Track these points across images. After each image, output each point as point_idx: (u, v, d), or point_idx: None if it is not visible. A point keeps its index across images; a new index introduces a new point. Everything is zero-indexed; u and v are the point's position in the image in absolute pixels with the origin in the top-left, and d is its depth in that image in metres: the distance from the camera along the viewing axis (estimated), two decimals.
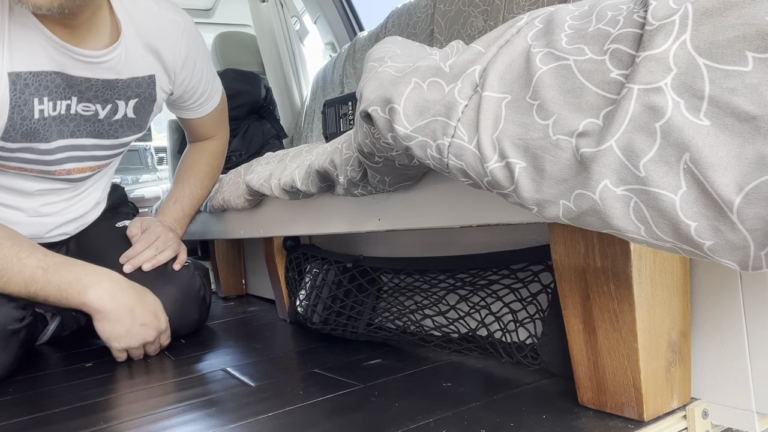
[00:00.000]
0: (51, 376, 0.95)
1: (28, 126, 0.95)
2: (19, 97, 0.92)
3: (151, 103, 1.14)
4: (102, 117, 1.06)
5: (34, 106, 0.95)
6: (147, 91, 1.11)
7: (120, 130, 1.11)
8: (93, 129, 1.06)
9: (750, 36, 0.33)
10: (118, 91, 1.05)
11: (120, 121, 1.10)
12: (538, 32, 0.47)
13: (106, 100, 1.05)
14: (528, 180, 0.43)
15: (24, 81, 0.92)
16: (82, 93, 1.00)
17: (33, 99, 0.94)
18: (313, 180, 0.82)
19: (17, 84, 0.92)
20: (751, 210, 0.33)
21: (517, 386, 0.69)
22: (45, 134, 0.98)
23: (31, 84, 0.93)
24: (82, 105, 1.02)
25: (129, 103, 1.09)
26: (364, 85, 0.58)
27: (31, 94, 0.94)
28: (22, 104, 0.93)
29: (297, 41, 2.81)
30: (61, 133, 1.02)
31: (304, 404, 0.68)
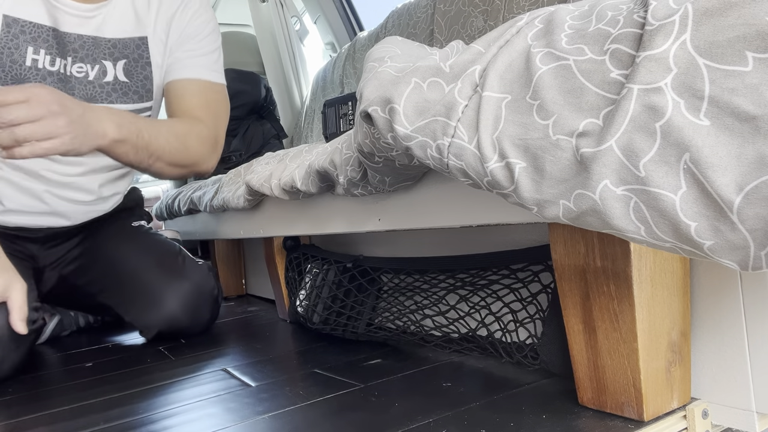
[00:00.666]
0: (51, 376, 0.95)
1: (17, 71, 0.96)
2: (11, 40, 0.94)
3: (146, 67, 1.10)
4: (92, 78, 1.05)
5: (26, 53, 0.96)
6: (137, 53, 1.08)
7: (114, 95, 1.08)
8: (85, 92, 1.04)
9: (750, 36, 0.33)
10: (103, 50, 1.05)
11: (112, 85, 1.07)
12: (538, 32, 0.47)
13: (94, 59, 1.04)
14: (528, 180, 0.43)
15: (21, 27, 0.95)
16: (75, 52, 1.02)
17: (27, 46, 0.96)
18: (313, 180, 0.82)
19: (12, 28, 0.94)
20: (751, 210, 0.33)
21: (517, 386, 0.69)
22: None
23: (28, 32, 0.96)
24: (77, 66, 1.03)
25: (117, 64, 1.07)
26: (364, 85, 0.58)
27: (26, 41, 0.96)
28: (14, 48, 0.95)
29: (297, 41, 2.81)
30: None
31: (304, 404, 0.68)
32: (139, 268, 1.12)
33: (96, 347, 1.14)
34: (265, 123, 2.52)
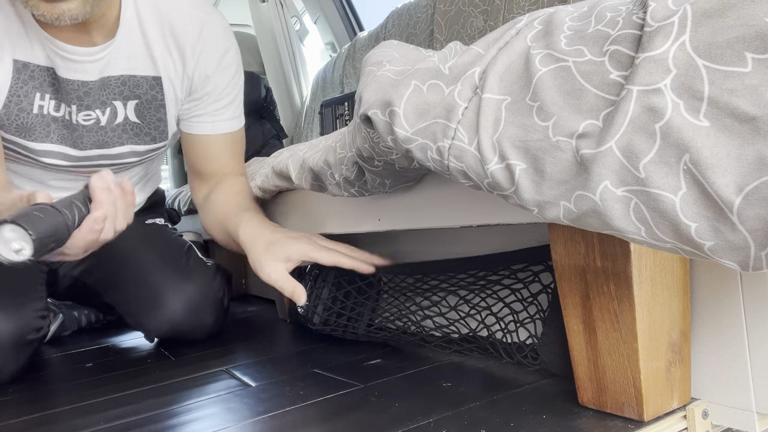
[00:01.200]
0: (51, 376, 0.95)
1: (24, 119, 0.92)
2: (20, 87, 0.89)
3: (160, 109, 1.02)
4: (104, 123, 0.99)
5: (34, 100, 0.91)
6: (150, 93, 1.00)
7: (125, 136, 1.01)
8: (96, 138, 0.99)
9: (749, 37, 0.33)
10: (113, 90, 0.97)
11: (122, 126, 1.01)
12: (537, 33, 0.47)
13: (103, 102, 0.97)
14: (528, 181, 0.43)
15: (30, 72, 0.89)
16: (80, 99, 0.95)
17: (35, 93, 0.91)
18: (306, 177, 0.83)
19: (22, 73, 0.89)
20: (751, 211, 0.34)
21: (517, 386, 0.69)
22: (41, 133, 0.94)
23: (37, 77, 0.90)
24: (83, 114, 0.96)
25: (128, 104, 0.99)
26: (363, 88, 0.58)
27: (34, 87, 0.90)
28: (23, 95, 0.90)
29: (297, 41, 2.82)
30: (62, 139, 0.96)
31: (304, 404, 0.68)
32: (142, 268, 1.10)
33: (97, 347, 1.14)
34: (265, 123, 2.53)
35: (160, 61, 0.99)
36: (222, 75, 1.04)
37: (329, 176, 0.76)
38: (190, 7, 0.99)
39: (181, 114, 1.06)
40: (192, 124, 1.07)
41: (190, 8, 0.99)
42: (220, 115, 1.07)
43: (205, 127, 1.07)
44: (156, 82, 1.00)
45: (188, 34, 0.99)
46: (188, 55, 1.00)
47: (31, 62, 0.89)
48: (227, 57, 1.04)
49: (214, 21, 1.02)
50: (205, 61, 1.01)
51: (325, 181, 0.79)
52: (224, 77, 1.04)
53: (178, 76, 1.01)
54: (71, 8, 0.79)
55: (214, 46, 1.01)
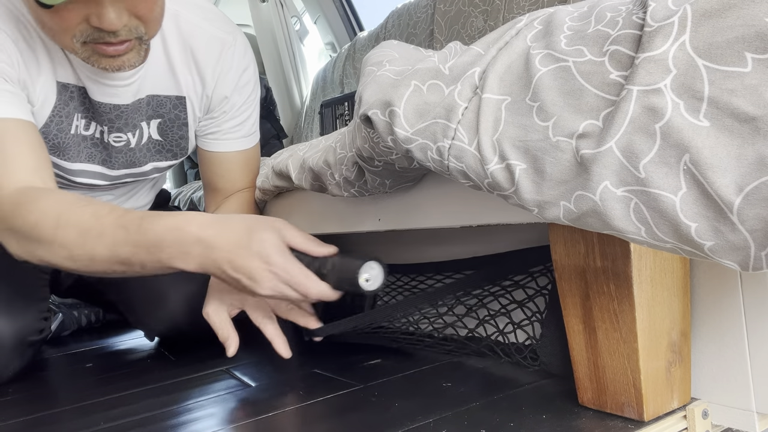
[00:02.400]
0: (51, 376, 0.95)
1: (61, 139, 0.91)
2: (63, 108, 0.89)
3: (182, 127, 1.03)
4: (133, 145, 0.99)
5: (73, 120, 0.91)
6: (173, 113, 1.01)
7: (148, 154, 1.02)
8: (126, 159, 1.00)
9: (749, 37, 0.33)
10: (142, 111, 0.98)
11: (146, 145, 1.01)
12: (537, 33, 0.47)
13: (134, 126, 0.98)
14: (528, 181, 0.43)
15: (70, 93, 0.89)
16: (111, 122, 0.95)
17: (75, 113, 0.91)
18: (306, 177, 0.83)
19: (63, 94, 0.89)
20: (751, 211, 0.34)
21: (517, 386, 0.69)
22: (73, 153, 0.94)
23: (76, 97, 0.90)
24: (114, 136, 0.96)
25: (151, 123, 1.00)
26: (363, 88, 0.58)
27: (75, 107, 0.91)
28: (65, 116, 0.90)
29: (297, 41, 2.82)
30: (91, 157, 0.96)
31: (304, 404, 0.68)
32: None
33: (97, 347, 1.14)
34: (265, 123, 2.53)
35: (182, 80, 0.99)
36: (239, 94, 1.04)
37: (329, 176, 0.76)
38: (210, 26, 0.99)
39: (198, 130, 1.07)
40: (207, 141, 1.07)
41: (211, 28, 0.99)
42: (235, 133, 1.07)
43: (219, 145, 1.07)
44: (179, 101, 1.00)
45: (209, 56, 0.99)
46: (208, 76, 1.00)
47: (70, 83, 0.89)
48: (245, 75, 1.04)
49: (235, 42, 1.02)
50: (224, 82, 1.02)
51: (325, 181, 0.79)
52: (241, 96, 1.05)
53: (198, 96, 1.01)
54: (130, 59, 0.81)
55: (233, 67, 1.02)
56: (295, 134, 2.66)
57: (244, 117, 1.07)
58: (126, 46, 0.79)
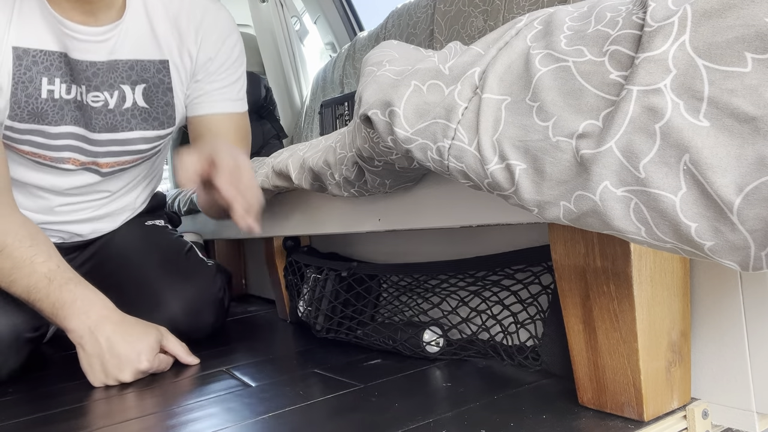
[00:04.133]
0: (51, 376, 0.95)
1: (34, 105, 0.92)
2: (24, 74, 0.90)
3: (167, 93, 1.03)
4: (112, 106, 1.00)
5: (41, 85, 0.92)
6: (157, 77, 1.02)
7: (133, 121, 1.02)
8: (106, 121, 1.00)
9: (749, 37, 0.33)
10: (120, 74, 0.98)
11: (131, 111, 1.01)
12: (537, 34, 0.47)
13: (111, 85, 0.98)
14: (528, 182, 0.43)
15: (32, 58, 0.90)
16: (89, 80, 0.96)
17: (41, 77, 0.92)
18: (306, 177, 0.83)
19: (23, 60, 0.89)
20: (751, 211, 0.34)
21: (517, 386, 0.69)
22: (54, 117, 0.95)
23: (41, 62, 0.91)
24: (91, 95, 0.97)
25: (136, 89, 1.00)
26: (363, 89, 0.58)
27: (39, 72, 0.91)
28: (27, 81, 0.91)
29: (297, 41, 2.82)
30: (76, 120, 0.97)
31: (304, 404, 0.68)
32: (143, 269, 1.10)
33: None
34: (265, 123, 2.53)
35: (165, 44, 1.00)
36: (224, 56, 1.06)
37: (329, 176, 0.76)
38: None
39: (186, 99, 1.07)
40: (195, 105, 1.07)
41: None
42: (222, 94, 1.07)
43: (206, 107, 1.07)
44: (163, 65, 1.02)
45: (191, 19, 1.01)
46: (192, 37, 1.02)
47: (32, 47, 0.90)
48: (230, 40, 1.06)
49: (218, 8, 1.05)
50: (207, 43, 1.03)
51: (325, 181, 0.79)
52: (227, 59, 1.06)
53: (183, 59, 1.03)
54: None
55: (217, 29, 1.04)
56: (295, 134, 2.66)
57: (230, 80, 1.08)
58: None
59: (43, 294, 0.84)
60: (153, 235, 1.17)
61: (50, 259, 0.86)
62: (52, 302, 0.84)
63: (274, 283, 1.28)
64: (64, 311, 0.83)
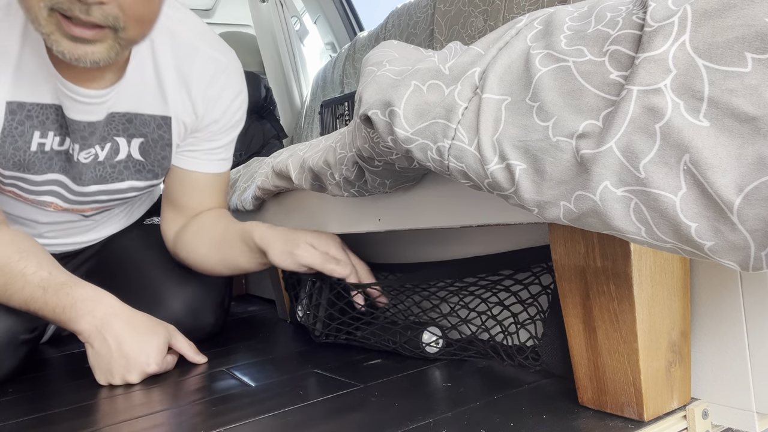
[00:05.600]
0: (51, 376, 0.95)
1: (21, 157, 0.89)
2: (15, 128, 0.86)
3: (165, 148, 0.99)
4: (102, 158, 0.95)
5: (32, 138, 0.88)
6: (156, 133, 0.97)
7: (126, 173, 0.99)
8: (94, 174, 0.97)
9: (749, 37, 0.33)
10: (116, 126, 0.93)
11: (124, 162, 0.98)
12: (537, 34, 0.47)
13: (103, 138, 0.93)
14: (528, 181, 0.43)
15: (27, 112, 0.86)
16: (84, 139, 0.92)
17: (33, 132, 0.88)
18: (306, 177, 0.83)
19: (17, 114, 0.85)
20: (751, 211, 0.34)
21: (517, 386, 0.69)
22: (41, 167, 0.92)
23: (35, 116, 0.86)
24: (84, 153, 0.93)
25: (132, 141, 0.96)
26: (363, 88, 0.58)
27: (32, 126, 0.87)
28: (18, 135, 0.87)
29: (297, 41, 2.82)
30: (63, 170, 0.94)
31: (304, 404, 0.68)
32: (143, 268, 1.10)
33: None
34: (265, 123, 2.53)
35: (171, 100, 0.95)
36: (228, 118, 1.02)
37: (329, 176, 0.76)
38: (208, 47, 0.97)
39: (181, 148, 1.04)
40: (183, 158, 1.04)
41: (207, 49, 0.97)
42: (214, 155, 1.05)
43: (195, 164, 1.04)
44: (164, 121, 0.97)
45: (202, 77, 0.96)
46: (200, 97, 0.97)
47: (29, 101, 0.85)
48: (237, 101, 1.02)
49: (230, 64, 1.00)
50: (215, 103, 0.99)
51: (325, 181, 0.79)
52: (229, 120, 1.03)
53: (188, 116, 0.98)
54: (95, 52, 0.73)
55: (226, 88, 0.99)
56: (295, 134, 2.66)
57: (226, 140, 1.05)
58: (95, 33, 0.71)
59: (41, 303, 0.84)
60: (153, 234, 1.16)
61: (41, 268, 0.85)
62: (52, 309, 0.83)
63: (274, 283, 1.28)
64: (67, 315, 0.83)
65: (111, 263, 1.13)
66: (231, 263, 1.00)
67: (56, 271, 0.87)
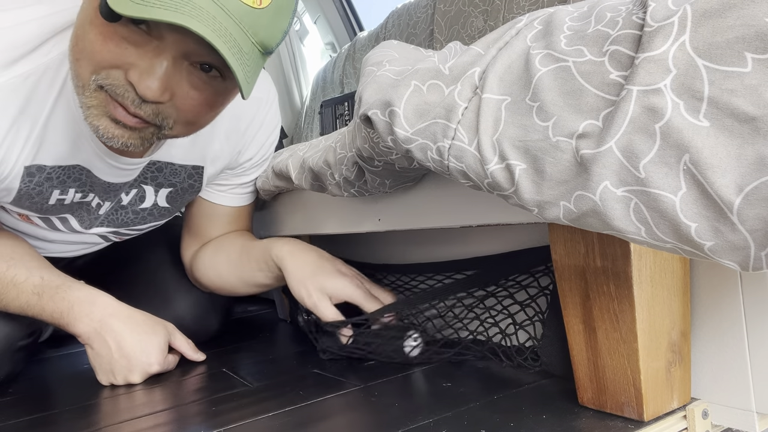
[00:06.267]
0: (51, 376, 0.95)
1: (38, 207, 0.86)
2: (33, 188, 0.81)
3: (193, 194, 0.96)
4: (125, 203, 0.92)
5: (51, 195, 0.84)
6: (187, 182, 0.93)
7: (149, 218, 0.96)
8: (115, 217, 0.94)
9: (749, 37, 0.33)
10: (144, 174, 0.89)
11: (149, 210, 0.95)
12: (537, 34, 0.47)
13: (130, 185, 0.89)
14: (528, 182, 0.43)
15: (47, 174, 0.81)
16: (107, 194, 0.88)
17: (52, 190, 0.83)
18: (306, 177, 0.83)
19: (36, 177, 0.80)
20: (751, 211, 0.34)
21: (517, 386, 0.69)
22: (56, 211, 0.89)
23: (56, 177, 0.82)
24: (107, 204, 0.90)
25: (160, 192, 0.92)
26: (363, 89, 0.58)
27: (52, 186, 0.83)
28: (36, 194, 0.83)
29: (297, 41, 2.82)
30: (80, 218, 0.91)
31: (304, 404, 0.68)
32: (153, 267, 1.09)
33: None
34: None
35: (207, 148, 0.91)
36: (263, 153, 1.00)
37: (329, 176, 0.76)
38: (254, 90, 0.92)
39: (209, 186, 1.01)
40: (211, 193, 1.00)
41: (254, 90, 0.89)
42: (245, 188, 1.03)
43: (222, 198, 1.02)
44: (196, 171, 0.92)
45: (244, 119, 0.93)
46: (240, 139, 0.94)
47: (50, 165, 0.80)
48: (273, 135, 1.00)
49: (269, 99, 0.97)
50: (252, 142, 0.96)
51: (325, 181, 0.79)
52: (264, 155, 1.00)
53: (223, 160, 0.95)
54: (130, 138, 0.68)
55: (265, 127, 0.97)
56: (295, 134, 2.66)
57: (257, 173, 1.02)
58: (137, 123, 0.67)
59: (38, 310, 0.82)
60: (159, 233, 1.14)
61: (31, 275, 0.82)
62: (50, 314, 0.82)
63: None
64: (65, 319, 0.82)
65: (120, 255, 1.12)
66: (249, 279, 0.98)
67: (48, 274, 0.84)
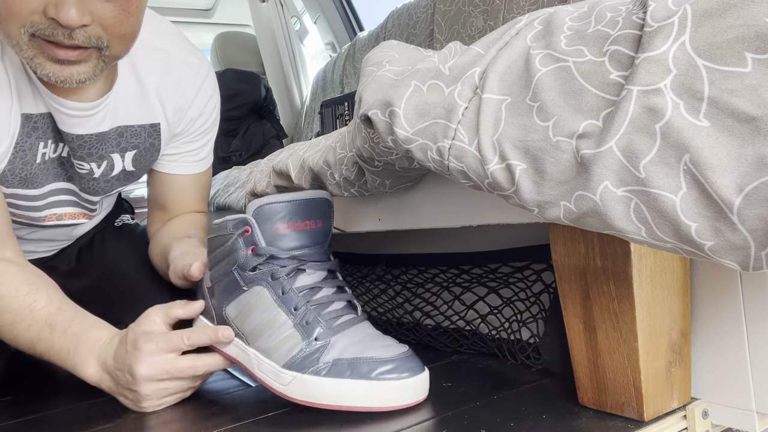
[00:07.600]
0: (51, 377, 0.95)
1: (27, 171, 0.88)
2: (25, 141, 0.85)
3: (154, 153, 1.00)
4: (98, 175, 0.95)
5: (38, 150, 0.87)
6: (148, 141, 0.98)
7: (116, 184, 1.01)
8: (87, 186, 0.97)
9: (749, 37, 0.33)
10: (110, 143, 0.93)
11: (117, 176, 0.99)
12: (537, 34, 0.47)
13: (101, 156, 0.93)
14: (529, 182, 0.43)
15: (33, 123, 0.85)
16: (74, 150, 0.91)
17: (39, 143, 0.87)
18: (306, 177, 0.83)
19: (26, 126, 0.84)
20: (751, 211, 0.34)
21: (518, 386, 0.69)
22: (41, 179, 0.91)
23: (40, 127, 0.86)
24: (77, 162, 0.92)
25: (126, 156, 0.97)
26: (363, 89, 0.58)
27: (38, 137, 0.86)
28: (27, 148, 0.86)
29: (297, 41, 2.82)
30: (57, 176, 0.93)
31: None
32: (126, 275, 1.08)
33: None
34: (265, 123, 2.53)
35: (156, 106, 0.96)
36: (205, 118, 1.04)
37: (329, 176, 0.76)
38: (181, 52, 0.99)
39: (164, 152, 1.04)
40: (165, 163, 1.05)
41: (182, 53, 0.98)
42: (192, 156, 1.06)
43: (175, 167, 1.06)
44: (154, 128, 0.97)
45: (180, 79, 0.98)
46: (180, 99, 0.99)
47: (33, 113, 0.84)
48: (212, 100, 1.04)
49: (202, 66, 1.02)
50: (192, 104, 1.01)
51: (325, 181, 0.79)
52: (207, 120, 1.04)
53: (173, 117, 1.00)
54: (81, 72, 0.74)
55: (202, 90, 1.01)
56: (295, 134, 2.66)
57: (204, 141, 1.06)
58: (78, 54, 0.71)
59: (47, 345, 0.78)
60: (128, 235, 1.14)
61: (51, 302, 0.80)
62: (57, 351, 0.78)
63: None
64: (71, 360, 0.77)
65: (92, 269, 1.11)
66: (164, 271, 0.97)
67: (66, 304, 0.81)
